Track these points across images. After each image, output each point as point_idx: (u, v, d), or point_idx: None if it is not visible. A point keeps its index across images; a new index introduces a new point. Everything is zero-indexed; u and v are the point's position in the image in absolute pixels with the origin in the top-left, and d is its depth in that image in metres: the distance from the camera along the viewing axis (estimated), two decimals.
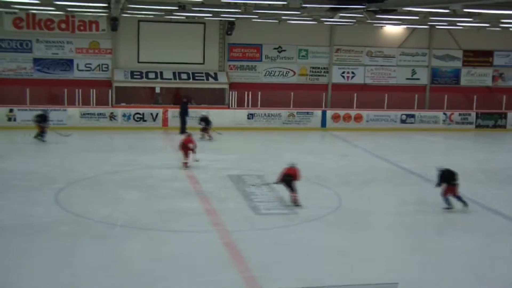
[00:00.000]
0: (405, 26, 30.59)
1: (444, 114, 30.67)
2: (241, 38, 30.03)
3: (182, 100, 27.46)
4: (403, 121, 30.14)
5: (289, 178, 15.01)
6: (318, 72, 31.37)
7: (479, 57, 32.93)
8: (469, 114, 30.93)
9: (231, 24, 29.20)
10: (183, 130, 25.47)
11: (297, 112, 29.12)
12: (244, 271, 10.86)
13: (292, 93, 29.49)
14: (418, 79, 32.48)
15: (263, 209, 14.96)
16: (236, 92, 29.51)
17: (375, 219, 15.45)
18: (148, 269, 10.82)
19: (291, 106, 29.38)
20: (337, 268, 11.20)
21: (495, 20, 23.73)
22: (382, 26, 30.71)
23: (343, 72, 31.60)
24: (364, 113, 29.81)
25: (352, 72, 31.67)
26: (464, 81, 32.94)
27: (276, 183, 15.41)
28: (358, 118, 29.66)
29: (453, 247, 12.55)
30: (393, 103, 30.47)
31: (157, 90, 29.19)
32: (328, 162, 21.46)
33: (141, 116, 27.47)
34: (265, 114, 28.67)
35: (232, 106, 29.34)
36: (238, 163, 20.69)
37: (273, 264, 11.27)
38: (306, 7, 19.12)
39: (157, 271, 10.74)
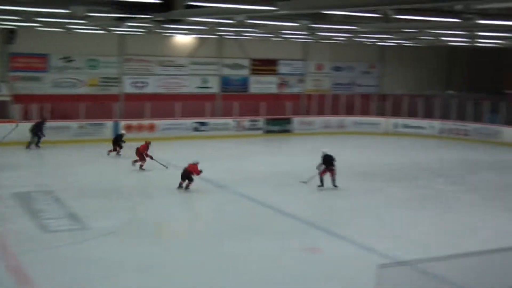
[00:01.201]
0: (195, 36, 31.16)
1: (235, 121, 31.76)
2: (25, 47, 28.22)
3: (41, 118, 26.43)
4: (196, 129, 30.63)
5: (189, 172, 17.96)
6: (109, 82, 30.69)
7: (265, 66, 34.68)
8: (258, 120, 32.40)
9: (12, 33, 27.38)
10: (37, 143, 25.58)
11: (88, 123, 28.16)
12: None
13: (82, 105, 28.45)
14: (209, 87, 33.27)
15: (53, 227, 14.21)
16: (21, 105, 27.71)
17: (170, 228, 15.50)
18: None
19: (82, 117, 28.32)
20: (133, 282, 10.96)
21: (277, 31, 25.08)
22: (172, 35, 30.95)
23: (135, 82, 31.31)
24: (157, 122, 29.77)
25: (144, 82, 31.51)
26: (252, 88, 34.44)
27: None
28: (151, 127, 29.54)
29: (247, 251, 12.92)
30: (186, 112, 30.82)
31: None
32: (121, 174, 20.98)
33: None
34: (53, 127, 27.09)
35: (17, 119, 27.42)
36: (25, 179, 19.44)
37: (66, 284, 10.73)
38: (92, 16, 18.56)
39: None
